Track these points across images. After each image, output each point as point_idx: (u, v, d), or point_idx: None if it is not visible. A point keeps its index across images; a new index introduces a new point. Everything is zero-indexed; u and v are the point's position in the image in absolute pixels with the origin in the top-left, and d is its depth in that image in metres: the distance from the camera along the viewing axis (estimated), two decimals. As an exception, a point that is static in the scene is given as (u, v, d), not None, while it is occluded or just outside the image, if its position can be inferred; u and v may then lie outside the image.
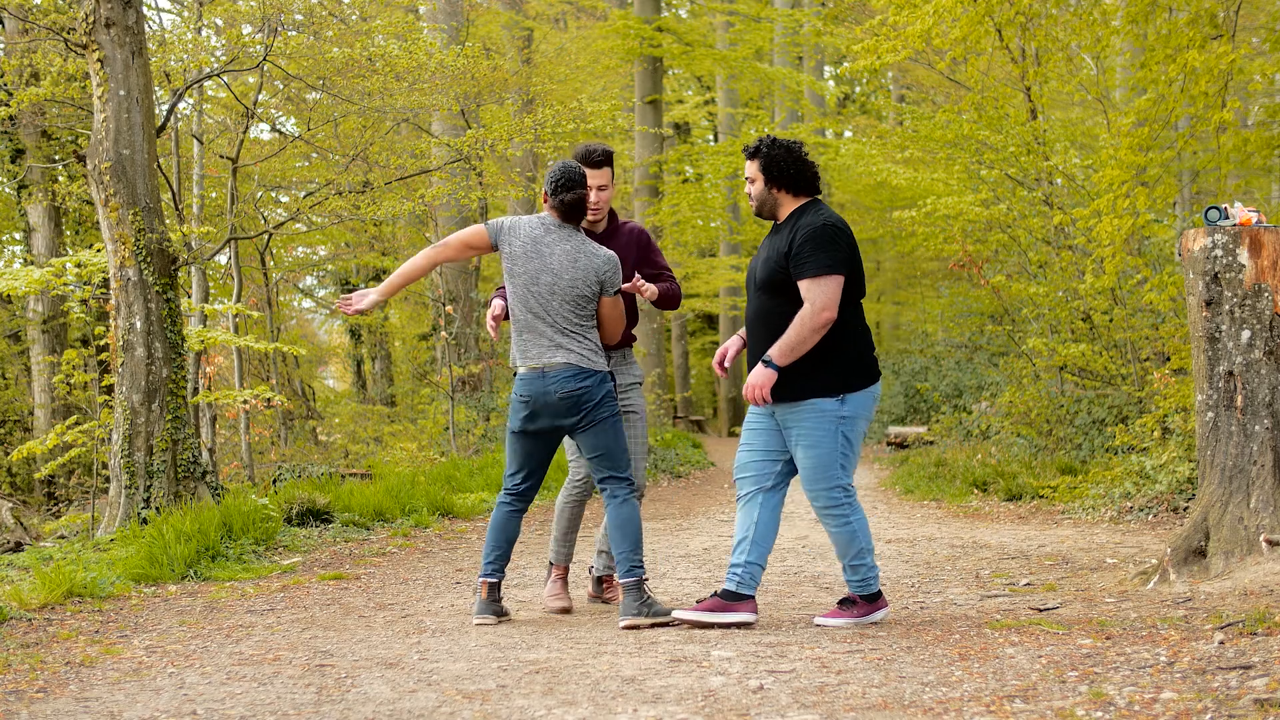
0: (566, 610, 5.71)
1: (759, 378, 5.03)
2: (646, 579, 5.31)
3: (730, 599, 5.14)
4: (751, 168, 5.26)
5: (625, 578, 5.27)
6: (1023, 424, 12.24)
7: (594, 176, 5.66)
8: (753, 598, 5.18)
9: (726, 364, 5.43)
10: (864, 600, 5.21)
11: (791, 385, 5.07)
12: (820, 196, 5.32)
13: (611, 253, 5.46)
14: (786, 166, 5.17)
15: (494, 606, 5.45)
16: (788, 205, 5.22)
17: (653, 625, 5.19)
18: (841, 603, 5.25)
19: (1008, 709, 3.62)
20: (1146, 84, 8.89)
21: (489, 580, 5.45)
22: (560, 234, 5.41)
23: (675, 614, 5.18)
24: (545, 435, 5.42)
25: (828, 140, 25.34)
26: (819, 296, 4.97)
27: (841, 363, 5.07)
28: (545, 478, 5.92)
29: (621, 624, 5.21)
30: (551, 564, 5.88)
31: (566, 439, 5.63)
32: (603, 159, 5.70)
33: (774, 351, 5.00)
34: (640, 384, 5.88)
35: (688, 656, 4.54)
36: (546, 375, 5.33)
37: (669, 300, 5.82)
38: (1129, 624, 4.83)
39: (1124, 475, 9.20)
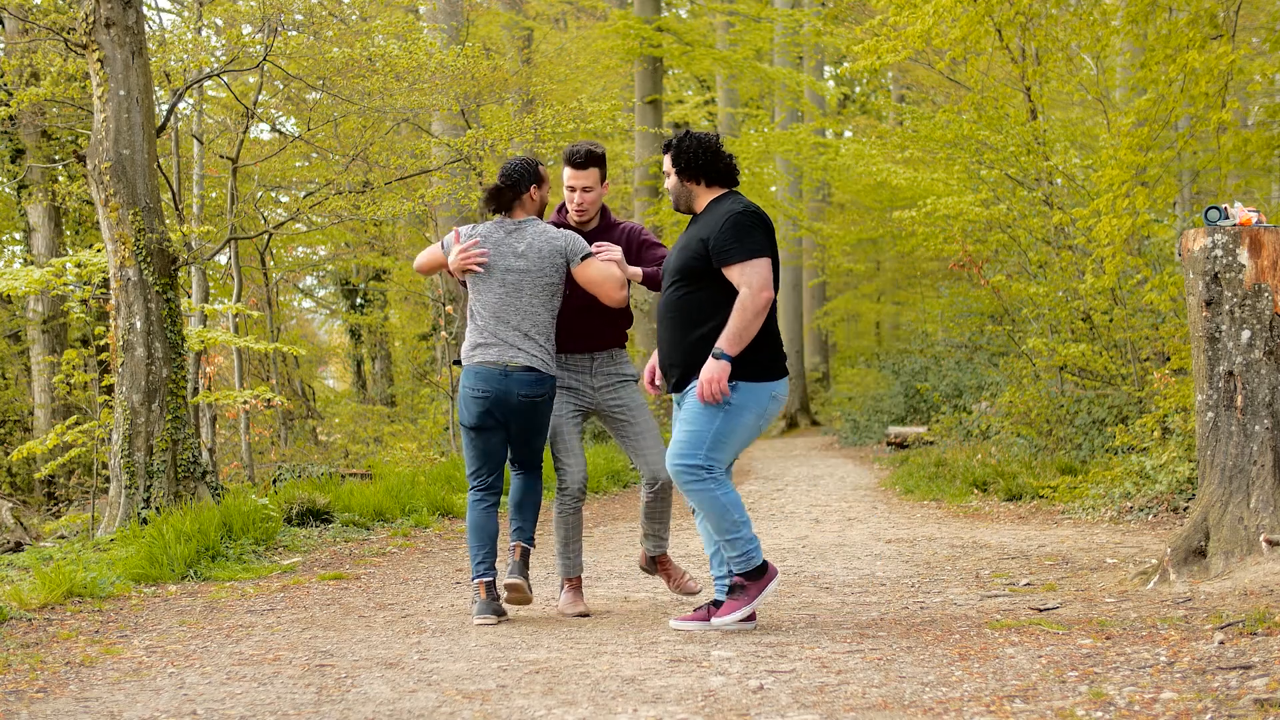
0: (585, 615, 5.69)
1: (712, 371, 4.93)
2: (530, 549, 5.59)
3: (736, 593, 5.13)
4: (666, 162, 5.28)
5: (516, 540, 5.57)
6: (1023, 424, 12.23)
7: (576, 177, 5.62)
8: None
9: (657, 382, 5.42)
10: (749, 577, 5.07)
11: (695, 368, 5.04)
12: (738, 190, 5.28)
13: (567, 230, 5.54)
14: (696, 158, 5.15)
15: (494, 605, 5.45)
16: (703, 197, 5.21)
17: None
18: (731, 590, 5.11)
19: (1008, 709, 3.62)
20: (1146, 84, 8.88)
21: (485, 580, 5.46)
22: (518, 230, 5.48)
23: (672, 623, 5.22)
24: (499, 430, 5.49)
25: (828, 140, 25.34)
26: (754, 278, 4.94)
27: (741, 351, 4.98)
28: (544, 477, 5.95)
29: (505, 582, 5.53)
30: (564, 578, 5.81)
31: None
32: (584, 160, 5.64)
33: (722, 341, 4.93)
34: (634, 379, 5.85)
35: (688, 656, 4.54)
36: (510, 375, 5.37)
37: (656, 282, 5.71)
38: (1129, 624, 4.83)
39: (1124, 475, 9.20)
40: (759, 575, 5.08)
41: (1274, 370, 5.61)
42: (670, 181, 5.26)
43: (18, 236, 16.97)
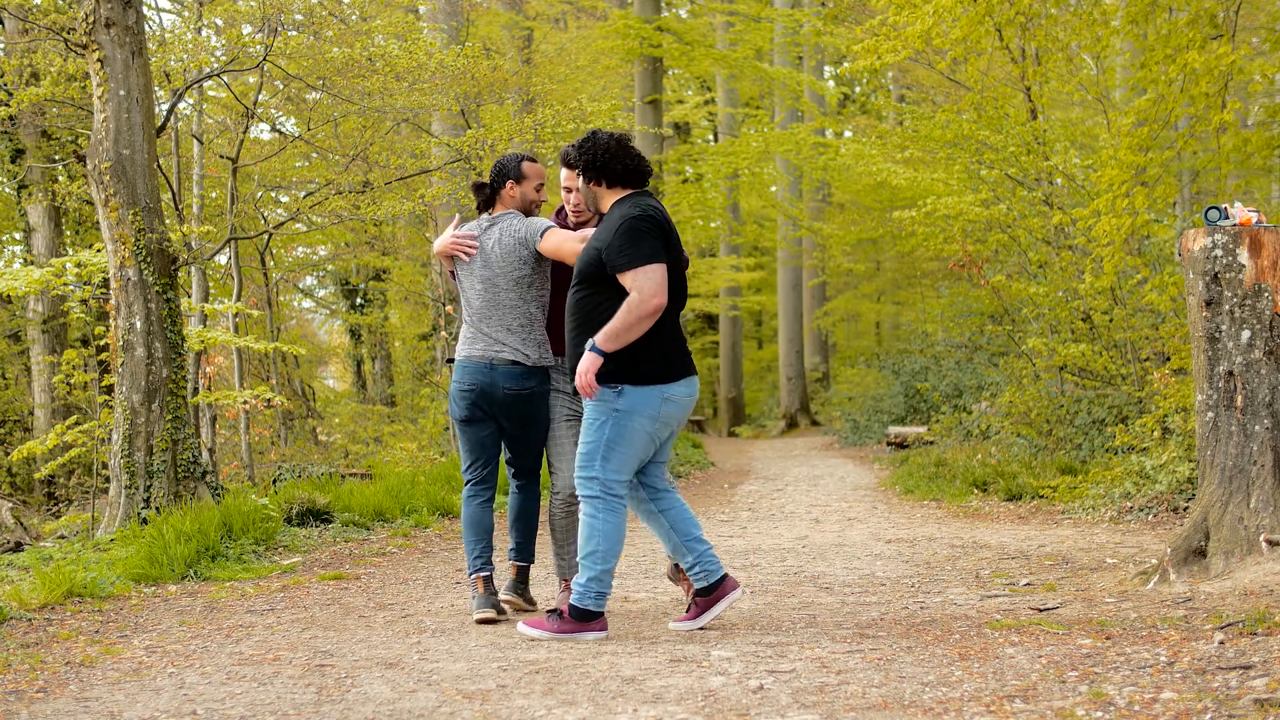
0: None
1: (584, 363, 4.87)
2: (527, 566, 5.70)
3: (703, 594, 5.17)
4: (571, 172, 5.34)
5: (513, 559, 5.67)
6: (1023, 424, 12.23)
7: (570, 178, 5.54)
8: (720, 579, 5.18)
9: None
10: (574, 614, 4.96)
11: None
12: (648, 189, 5.19)
13: (533, 217, 5.56)
14: (596, 158, 5.09)
15: (493, 599, 5.47)
16: (607, 199, 5.14)
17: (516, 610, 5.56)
18: (555, 613, 5.03)
19: (1008, 709, 3.62)
20: (1146, 84, 8.88)
21: (482, 575, 5.49)
22: (491, 225, 5.56)
23: (671, 625, 5.21)
24: (489, 422, 5.52)
25: (828, 140, 25.33)
26: (645, 285, 4.84)
27: (627, 354, 4.89)
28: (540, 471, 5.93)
29: (502, 597, 5.59)
30: (560, 579, 5.77)
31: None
32: (576, 160, 5.58)
33: (599, 336, 4.86)
34: None
35: (688, 656, 4.54)
36: (495, 369, 5.42)
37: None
38: (1129, 624, 4.83)
39: (1124, 475, 9.20)
40: (582, 618, 4.96)
41: (1274, 370, 5.61)
42: (579, 183, 5.22)
43: (18, 236, 16.97)
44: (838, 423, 23.14)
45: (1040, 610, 5.33)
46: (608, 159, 5.07)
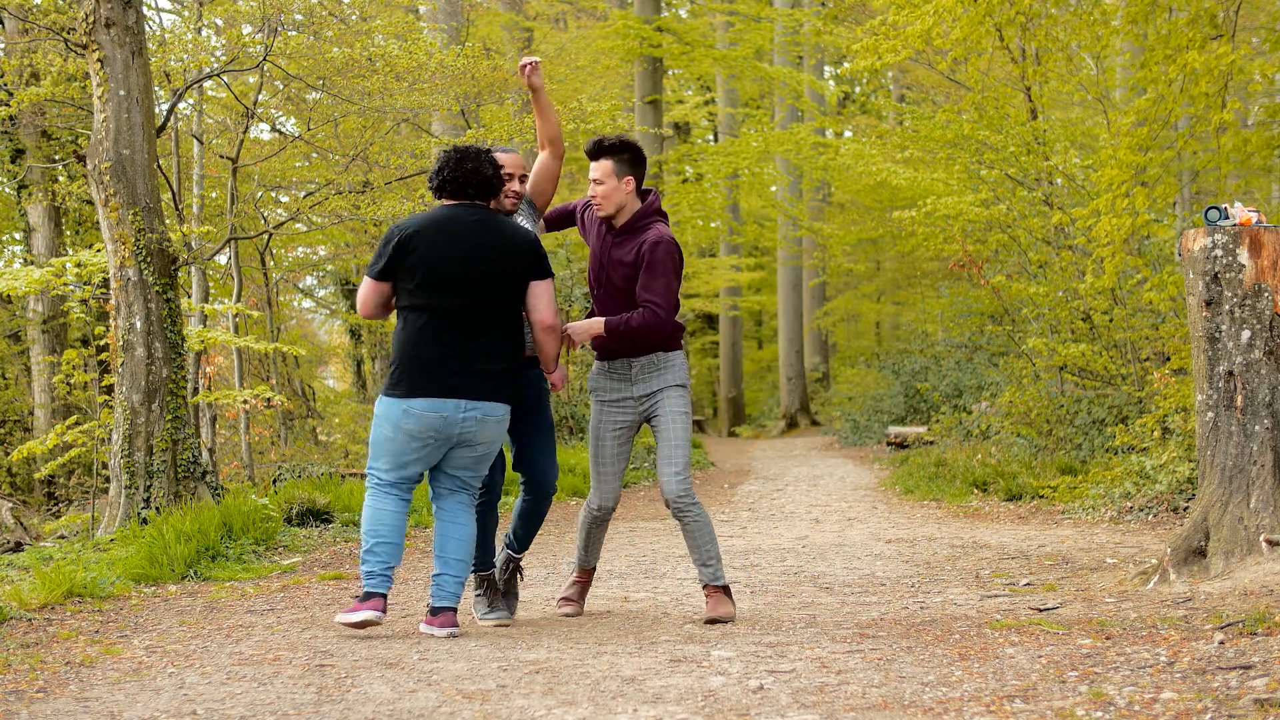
0: (575, 615, 5.70)
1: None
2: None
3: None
4: None
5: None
6: (1023, 424, 12.23)
7: (590, 170, 5.43)
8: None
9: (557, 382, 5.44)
10: (364, 597, 5.10)
11: None
12: (467, 202, 5.18)
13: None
14: (434, 172, 5.22)
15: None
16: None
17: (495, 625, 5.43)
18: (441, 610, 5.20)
19: (1008, 709, 3.62)
20: (1146, 84, 8.88)
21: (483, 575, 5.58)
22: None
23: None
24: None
25: (828, 140, 25.33)
26: (358, 295, 5.24)
27: (392, 363, 5.19)
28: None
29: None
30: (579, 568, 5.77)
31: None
32: (592, 150, 5.41)
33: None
34: (678, 386, 5.48)
35: (688, 656, 4.54)
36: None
37: (618, 335, 5.32)
38: (1129, 624, 4.83)
39: (1124, 475, 9.20)
40: (366, 599, 5.09)
41: (1274, 370, 5.61)
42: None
43: (18, 236, 16.96)
44: (838, 423, 23.14)
45: (1040, 610, 5.33)
46: (439, 169, 5.22)
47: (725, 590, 5.39)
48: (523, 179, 5.47)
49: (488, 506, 5.54)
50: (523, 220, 5.55)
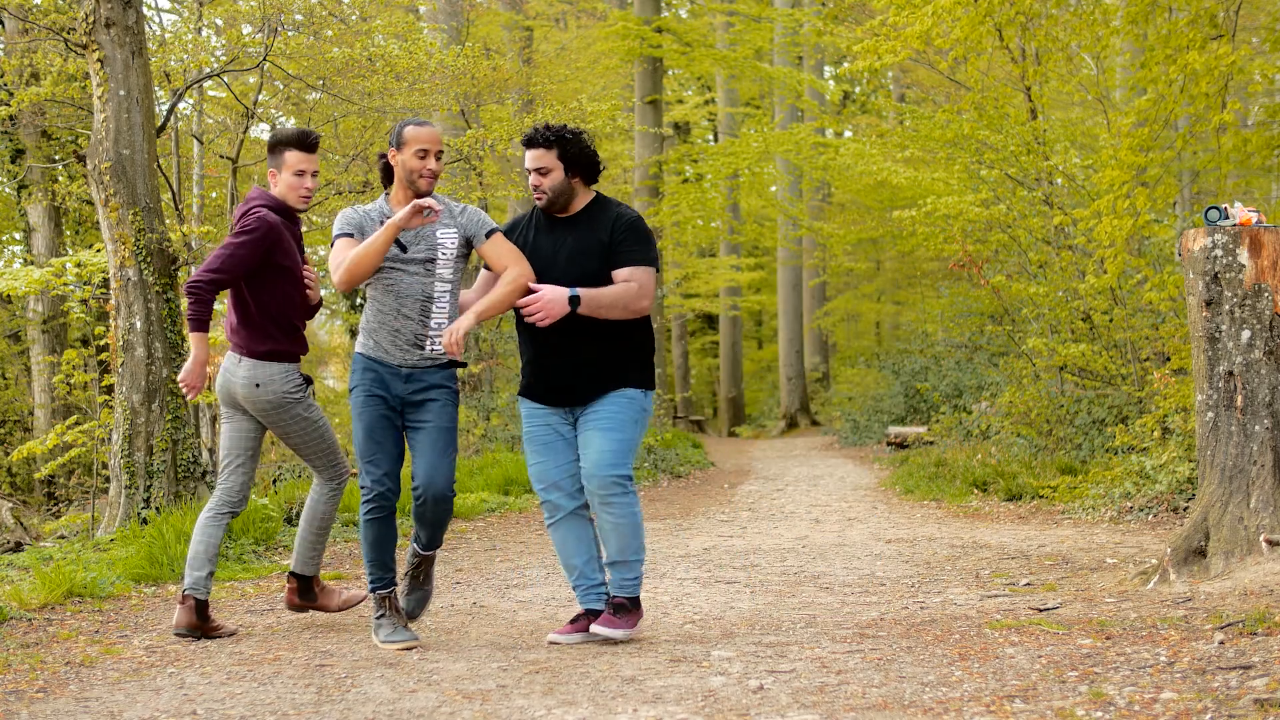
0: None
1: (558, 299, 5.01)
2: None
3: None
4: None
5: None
6: (1023, 424, 12.23)
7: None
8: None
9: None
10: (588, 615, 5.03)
11: None
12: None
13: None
14: (581, 152, 5.02)
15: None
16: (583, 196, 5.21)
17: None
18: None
19: (1008, 709, 3.62)
20: (1146, 84, 8.88)
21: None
22: None
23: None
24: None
25: (828, 140, 25.33)
26: (648, 283, 5.04)
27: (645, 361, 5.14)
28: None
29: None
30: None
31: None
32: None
33: (585, 293, 4.99)
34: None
35: (688, 656, 4.54)
36: None
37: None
38: (1129, 624, 4.83)
39: (1124, 475, 9.20)
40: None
41: (1274, 370, 5.61)
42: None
43: (18, 236, 16.97)
44: (838, 423, 23.14)
45: (1040, 610, 5.33)
46: (592, 156, 5.05)
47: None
48: (438, 156, 5.06)
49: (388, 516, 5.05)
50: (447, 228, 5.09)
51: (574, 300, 4.85)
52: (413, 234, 5.02)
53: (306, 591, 5.52)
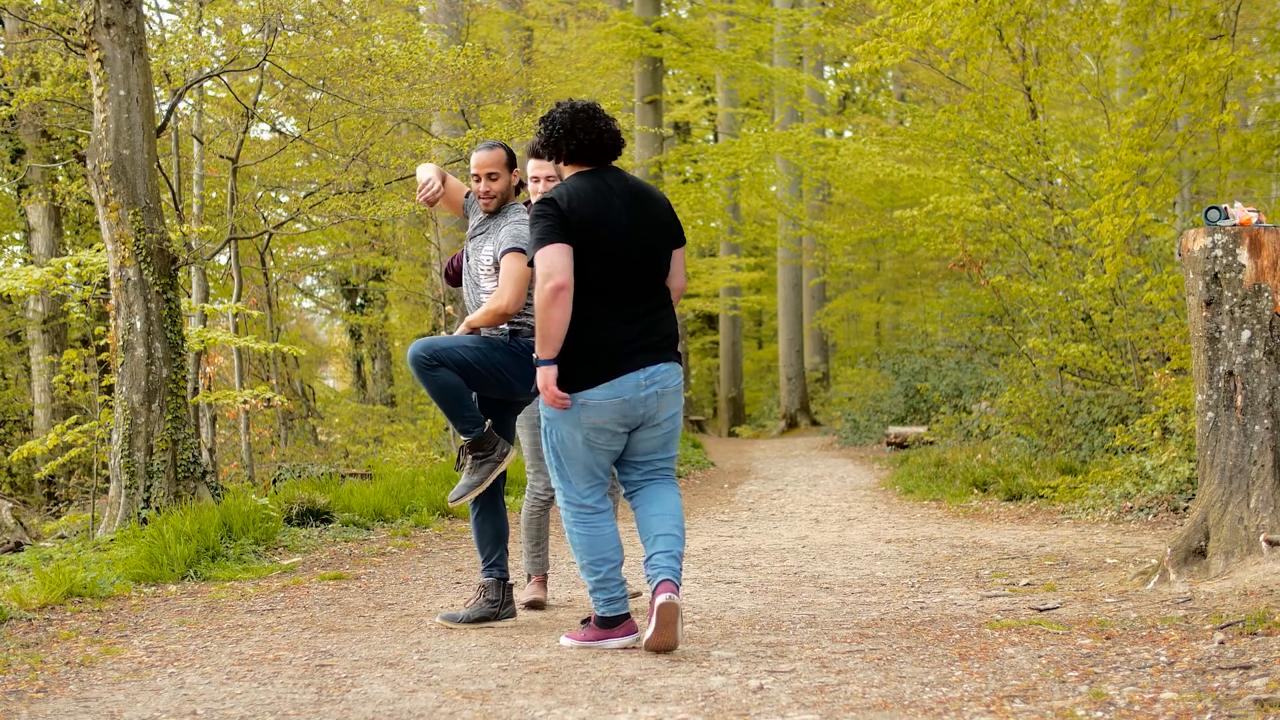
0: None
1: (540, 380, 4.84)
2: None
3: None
4: None
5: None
6: (1023, 424, 12.23)
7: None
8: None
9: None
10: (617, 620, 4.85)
11: None
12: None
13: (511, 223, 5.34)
14: (550, 136, 4.95)
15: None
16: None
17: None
18: None
19: (1008, 709, 3.62)
20: (1146, 84, 8.88)
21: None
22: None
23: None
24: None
25: (828, 140, 25.33)
26: (539, 268, 4.79)
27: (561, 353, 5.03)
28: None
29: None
30: (530, 575, 5.94)
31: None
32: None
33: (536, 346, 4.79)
34: None
35: (688, 656, 4.54)
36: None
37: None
38: (1129, 624, 4.83)
39: (1124, 475, 9.20)
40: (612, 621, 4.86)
41: (1274, 370, 5.61)
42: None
43: (18, 236, 16.97)
44: (838, 423, 23.14)
45: (1040, 610, 5.33)
46: (561, 134, 4.79)
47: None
48: (491, 177, 5.37)
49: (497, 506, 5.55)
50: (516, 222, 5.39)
51: (540, 361, 4.65)
52: (476, 241, 5.52)
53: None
